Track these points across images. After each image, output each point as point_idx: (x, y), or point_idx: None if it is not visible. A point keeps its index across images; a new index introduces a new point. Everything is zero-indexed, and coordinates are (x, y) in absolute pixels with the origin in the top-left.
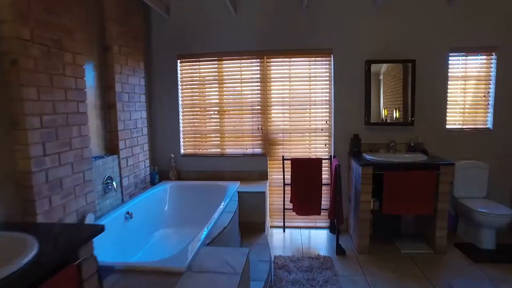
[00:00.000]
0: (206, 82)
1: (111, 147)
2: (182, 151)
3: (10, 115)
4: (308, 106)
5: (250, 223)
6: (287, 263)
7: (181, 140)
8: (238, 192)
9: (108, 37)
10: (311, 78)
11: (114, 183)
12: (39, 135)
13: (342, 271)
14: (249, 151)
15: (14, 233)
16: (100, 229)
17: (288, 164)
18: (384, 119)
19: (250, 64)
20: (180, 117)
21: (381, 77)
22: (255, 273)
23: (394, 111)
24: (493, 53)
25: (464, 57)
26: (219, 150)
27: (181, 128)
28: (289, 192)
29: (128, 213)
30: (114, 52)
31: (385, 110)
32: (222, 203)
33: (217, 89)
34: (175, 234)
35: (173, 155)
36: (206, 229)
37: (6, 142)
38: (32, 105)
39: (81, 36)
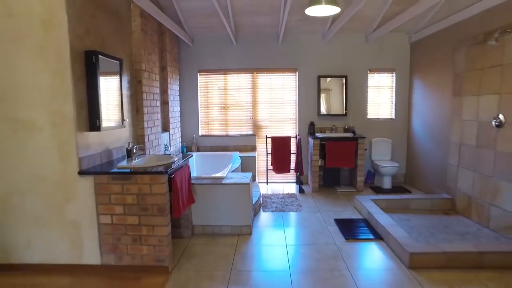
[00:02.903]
0: (216, 88)
1: (164, 127)
2: (200, 133)
3: (136, 106)
4: (282, 104)
5: None
6: (270, 196)
7: (199, 125)
8: (239, 156)
9: (164, 61)
10: (284, 86)
11: (169, 148)
12: (146, 117)
13: (301, 198)
14: (244, 132)
15: (165, 154)
16: (191, 156)
17: (269, 140)
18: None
19: (245, 77)
20: (199, 111)
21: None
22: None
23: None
24: (393, 72)
25: (378, 74)
26: (225, 132)
27: (199, 118)
28: (270, 158)
29: None
30: (167, 70)
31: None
32: (232, 161)
33: (223, 93)
34: None
35: (194, 135)
36: (229, 166)
37: (134, 120)
38: (144, 102)
39: (157, 63)
